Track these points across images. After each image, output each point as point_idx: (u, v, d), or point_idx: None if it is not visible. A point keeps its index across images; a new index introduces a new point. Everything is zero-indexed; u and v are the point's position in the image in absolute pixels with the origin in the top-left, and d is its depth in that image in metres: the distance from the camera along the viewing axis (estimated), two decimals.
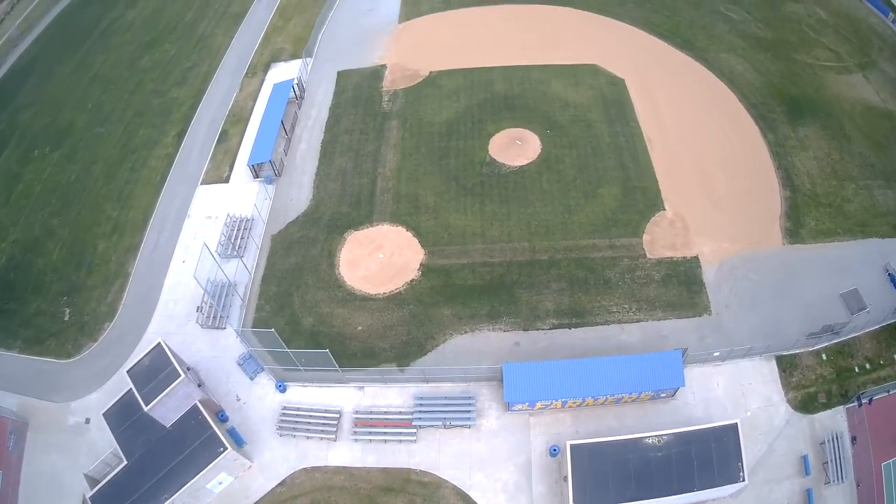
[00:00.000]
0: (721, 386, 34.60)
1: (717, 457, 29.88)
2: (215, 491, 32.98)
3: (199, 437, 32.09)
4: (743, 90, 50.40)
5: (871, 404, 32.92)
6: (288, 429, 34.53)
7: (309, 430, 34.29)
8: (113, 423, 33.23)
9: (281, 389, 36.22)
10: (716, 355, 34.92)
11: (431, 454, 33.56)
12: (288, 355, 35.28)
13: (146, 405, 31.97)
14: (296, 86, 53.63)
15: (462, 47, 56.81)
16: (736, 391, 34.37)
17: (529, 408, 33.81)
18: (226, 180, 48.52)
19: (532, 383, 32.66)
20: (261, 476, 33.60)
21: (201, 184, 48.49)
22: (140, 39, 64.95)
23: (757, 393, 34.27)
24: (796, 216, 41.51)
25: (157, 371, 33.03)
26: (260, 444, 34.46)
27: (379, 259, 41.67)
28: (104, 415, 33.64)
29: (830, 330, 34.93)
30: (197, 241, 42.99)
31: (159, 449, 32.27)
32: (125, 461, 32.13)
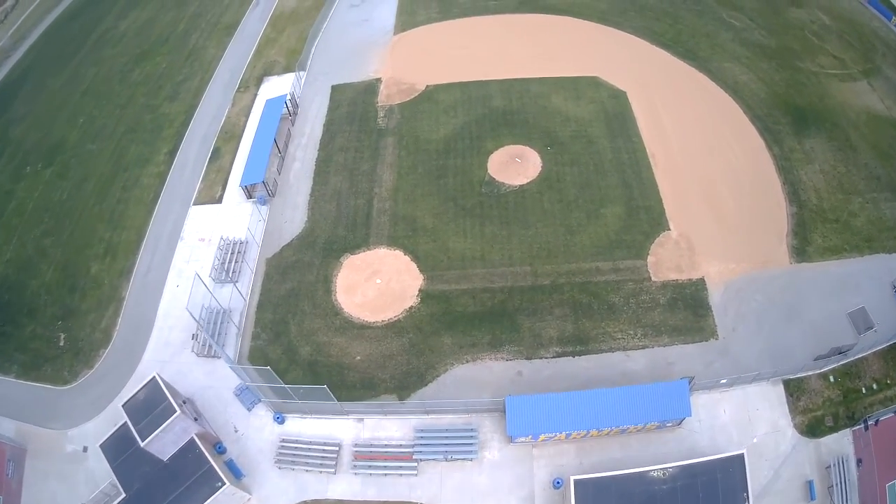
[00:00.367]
0: (727, 413, 33.98)
1: (723, 488, 29.34)
2: None
3: (197, 472, 31.61)
4: (747, 101, 49.52)
5: (878, 425, 32.30)
6: (287, 461, 34.00)
7: (308, 463, 33.77)
8: (110, 455, 32.79)
9: (279, 421, 35.61)
10: (723, 382, 34.22)
11: (433, 487, 32.98)
12: (285, 388, 34.67)
13: (142, 440, 31.57)
14: (289, 101, 52.59)
15: (459, 59, 55.72)
16: (743, 417, 33.79)
17: (532, 439, 33.21)
18: (218, 200, 47.63)
19: (535, 416, 32.05)
20: None
21: (194, 204, 47.65)
22: (132, 51, 64.14)
23: (764, 419, 33.69)
24: (803, 233, 40.74)
25: (153, 406, 32.52)
26: (259, 477, 33.96)
27: (376, 284, 40.73)
28: (101, 446, 33.19)
29: (838, 351, 34.42)
30: (190, 266, 42.43)
31: (157, 482, 31.82)
32: (123, 493, 31.72)
